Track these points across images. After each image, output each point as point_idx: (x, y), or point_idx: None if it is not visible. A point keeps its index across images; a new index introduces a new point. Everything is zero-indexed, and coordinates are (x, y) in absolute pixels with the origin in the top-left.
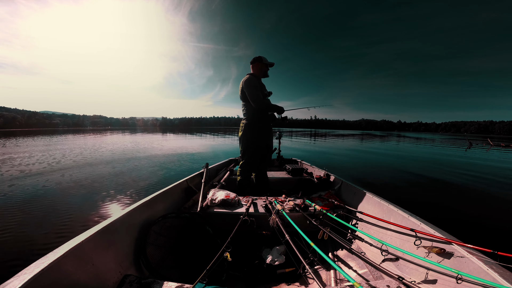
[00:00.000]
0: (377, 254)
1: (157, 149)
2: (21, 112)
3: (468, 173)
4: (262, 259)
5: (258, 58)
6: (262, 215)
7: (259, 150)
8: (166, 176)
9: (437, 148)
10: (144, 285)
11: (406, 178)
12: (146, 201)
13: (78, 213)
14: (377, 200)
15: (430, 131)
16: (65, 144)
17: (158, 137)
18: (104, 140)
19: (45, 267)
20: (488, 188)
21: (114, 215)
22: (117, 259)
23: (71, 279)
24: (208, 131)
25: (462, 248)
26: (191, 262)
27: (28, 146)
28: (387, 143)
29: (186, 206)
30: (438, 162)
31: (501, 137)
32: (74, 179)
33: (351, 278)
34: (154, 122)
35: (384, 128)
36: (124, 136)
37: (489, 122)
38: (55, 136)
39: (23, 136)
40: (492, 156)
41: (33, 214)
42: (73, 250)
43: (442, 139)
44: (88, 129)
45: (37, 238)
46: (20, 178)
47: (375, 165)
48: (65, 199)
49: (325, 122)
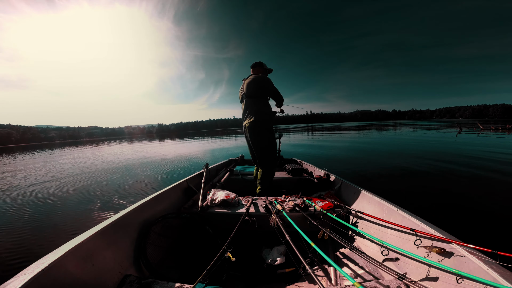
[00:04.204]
0: (377, 254)
1: (159, 155)
2: (15, 128)
3: (458, 162)
4: (262, 259)
5: (260, 64)
6: (262, 215)
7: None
8: (166, 176)
9: (431, 135)
10: (144, 285)
11: (400, 172)
12: (146, 201)
13: (79, 214)
14: (377, 200)
15: (426, 118)
16: (66, 157)
17: (156, 144)
18: (104, 150)
19: (45, 267)
20: (486, 184)
21: (114, 215)
22: (117, 259)
23: (71, 279)
24: (205, 134)
25: (462, 248)
26: (192, 262)
27: (36, 161)
28: (386, 133)
29: (186, 206)
30: (430, 151)
31: (496, 120)
32: (80, 185)
33: (351, 278)
34: (151, 129)
35: (380, 118)
36: (121, 146)
37: (483, 106)
38: (55, 149)
39: (21, 152)
40: (484, 140)
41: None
42: (73, 250)
43: (436, 125)
44: (85, 141)
45: (42, 237)
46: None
47: (371, 159)
48: (67, 202)
49: (321, 116)
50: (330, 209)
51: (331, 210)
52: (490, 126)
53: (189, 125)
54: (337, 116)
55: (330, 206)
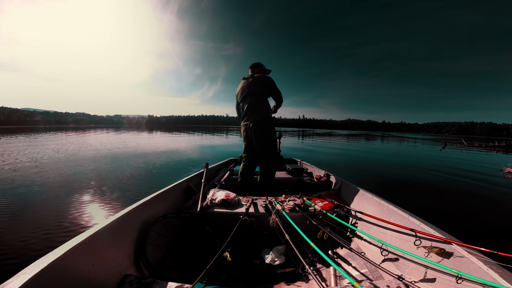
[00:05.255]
0: (377, 254)
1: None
2: (1, 109)
3: (442, 173)
4: (262, 259)
5: (259, 64)
6: (262, 215)
7: None
8: (166, 176)
9: (416, 148)
10: (144, 285)
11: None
12: (146, 201)
13: (77, 214)
14: (377, 200)
15: (413, 131)
16: (50, 143)
17: (145, 136)
18: (87, 139)
19: (45, 267)
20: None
21: (113, 215)
22: (117, 259)
23: (71, 279)
24: (197, 130)
25: (462, 248)
26: (191, 262)
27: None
28: (374, 143)
29: (186, 206)
30: (417, 161)
31: (481, 137)
32: (68, 178)
33: (351, 278)
34: (140, 120)
35: (369, 128)
36: (108, 135)
37: (470, 123)
38: (41, 134)
39: (4, 134)
40: (465, 156)
41: (33, 214)
42: (73, 250)
43: (423, 139)
44: (71, 127)
45: (37, 238)
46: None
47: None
48: (65, 199)
49: (313, 121)
50: (330, 209)
51: (331, 210)
52: (474, 143)
53: (181, 119)
54: (328, 123)
55: (330, 206)
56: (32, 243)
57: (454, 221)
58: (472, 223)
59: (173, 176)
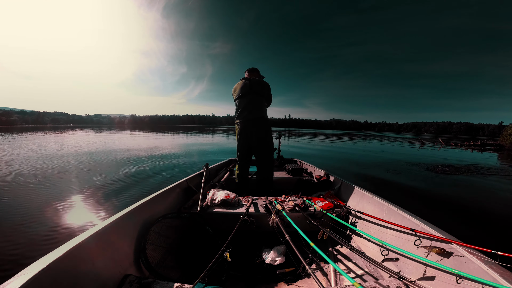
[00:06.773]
0: (377, 254)
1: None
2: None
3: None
4: (262, 259)
5: (257, 70)
6: (262, 215)
7: None
8: (166, 176)
9: (396, 147)
10: (144, 285)
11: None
12: (146, 201)
13: (76, 214)
14: (377, 200)
15: (393, 131)
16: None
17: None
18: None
19: (45, 267)
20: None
21: (114, 215)
22: (117, 259)
23: (71, 279)
24: (182, 129)
25: (462, 248)
26: (191, 262)
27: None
28: (359, 142)
29: (186, 206)
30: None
31: (458, 137)
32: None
33: (351, 278)
34: (122, 120)
35: (352, 128)
36: (87, 135)
37: (447, 123)
38: (23, 134)
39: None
40: (441, 154)
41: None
42: (73, 250)
43: (403, 138)
44: (49, 127)
45: (37, 238)
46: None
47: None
48: (65, 199)
49: (299, 121)
50: (330, 209)
51: (331, 210)
52: (450, 142)
53: (165, 119)
54: (313, 123)
55: (330, 206)
56: (32, 243)
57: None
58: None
59: (173, 176)
